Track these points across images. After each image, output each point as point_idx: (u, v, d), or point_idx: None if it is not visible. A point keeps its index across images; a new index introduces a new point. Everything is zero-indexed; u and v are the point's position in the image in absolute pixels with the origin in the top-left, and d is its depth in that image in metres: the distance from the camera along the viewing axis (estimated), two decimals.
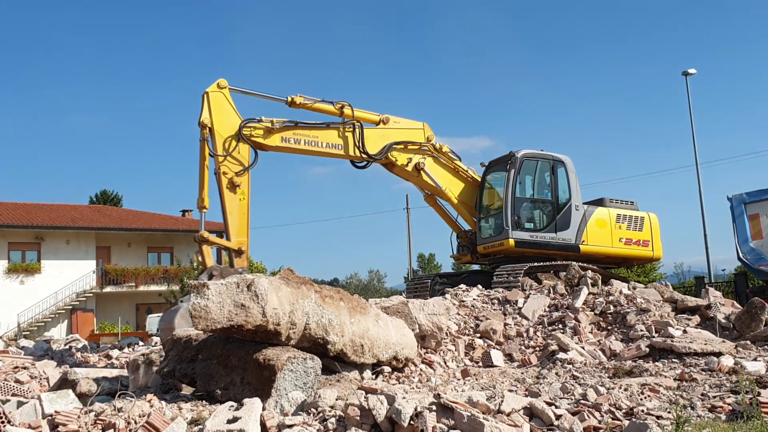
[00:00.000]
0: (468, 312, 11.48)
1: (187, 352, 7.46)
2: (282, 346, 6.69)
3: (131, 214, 45.16)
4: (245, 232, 11.46)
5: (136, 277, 40.21)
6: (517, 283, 12.82)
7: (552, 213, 14.64)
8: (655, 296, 11.62)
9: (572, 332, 10.46)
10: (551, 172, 14.74)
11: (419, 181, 14.41)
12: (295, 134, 12.41)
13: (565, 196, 14.73)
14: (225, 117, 11.61)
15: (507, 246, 13.99)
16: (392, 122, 13.83)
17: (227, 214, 11.32)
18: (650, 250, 15.81)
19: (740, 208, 19.44)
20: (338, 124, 12.95)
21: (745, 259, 19.31)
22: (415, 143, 14.07)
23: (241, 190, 11.46)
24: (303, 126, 12.53)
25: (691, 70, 31.36)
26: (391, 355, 7.88)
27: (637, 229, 15.59)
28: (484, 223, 14.85)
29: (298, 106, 12.51)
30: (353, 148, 13.09)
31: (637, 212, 15.78)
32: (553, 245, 14.41)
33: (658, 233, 16.00)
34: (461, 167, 14.83)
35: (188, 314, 10.63)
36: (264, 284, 6.52)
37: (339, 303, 7.31)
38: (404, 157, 13.95)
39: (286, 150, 12.40)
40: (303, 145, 12.48)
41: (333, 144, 12.89)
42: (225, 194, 11.34)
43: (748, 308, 10.26)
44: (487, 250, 14.62)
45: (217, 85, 11.60)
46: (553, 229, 14.49)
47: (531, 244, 14.17)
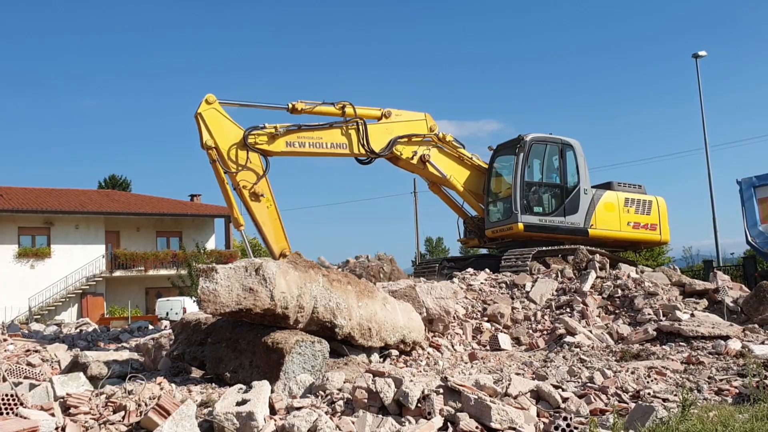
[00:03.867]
0: (476, 296, 11.50)
1: (196, 335, 7.53)
2: (290, 329, 6.74)
3: (140, 199, 45.34)
4: (282, 237, 11.46)
5: (145, 262, 40.44)
6: (525, 267, 12.82)
7: (561, 197, 14.59)
8: (663, 280, 11.60)
9: (580, 316, 10.47)
10: (560, 156, 14.70)
11: (425, 172, 14.37)
12: (299, 138, 12.35)
13: (574, 179, 14.67)
14: (225, 131, 11.46)
15: (516, 230, 13.96)
16: (394, 116, 13.75)
17: (260, 225, 11.33)
18: (658, 234, 15.78)
19: (749, 192, 19.33)
20: (341, 123, 12.90)
21: (753, 243, 19.22)
22: (419, 135, 13.97)
23: (265, 198, 11.43)
24: (306, 128, 12.47)
25: (701, 53, 31.07)
26: (398, 338, 7.92)
27: (645, 213, 15.57)
28: (492, 207, 14.81)
29: (299, 112, 12.46)
30: (357, 145, 13.04)
31: (644, 196, 15.74)
32: (562, 229, 14.39)
33: (666, 217, 15.97)
34: (465, 155, 14.78)
35: None
36: (272, 268, 6.56)
37: (347, 287, 7.35)
38: (409, 150, 13.89)
39: (291, 154, 12.33)
40: (308, 147, 12.44)
41: (337, 143, 12.86)
42: (251, 206, 11.31)
43: (756, 292, 10.24)
44: (496, 234, 14.60)
45: (206, 102, 11.36)
46: (562, 212, 14.46)
47: (540, 227, 14.15)
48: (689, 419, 4.69)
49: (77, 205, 40.27)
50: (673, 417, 4.78)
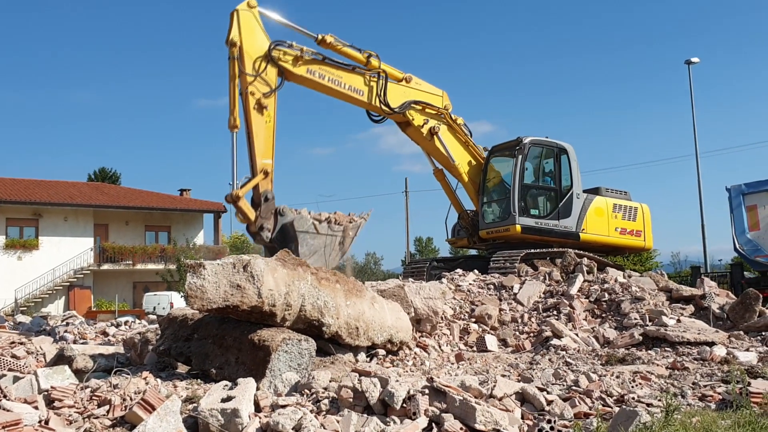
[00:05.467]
0: (464, 297, 11.53)
1: (183, 330, 7.50)
2: (277, 327, 6.73)
3: (129, 193, 45.16)
4: (270, 153, 11.14)
5: (134, 256, 40.29)
6: (514, 269, 12.87)
7: (555, 200, 14.71)
8: (650, 285, 11.67)
9: (566, 319, 10.51)
10: (555, 160, 14.84)
11: (431, 146, 14.32)
12: (321, 69, 12.19)
13: (567, 183, 14.81)
14: (254, 37, 11.25)
15: (513, 231, 14.03)
16: (414, 82, 13.79)
17: (253, 135, 10.95)
18: (642, 240, 16.04)
19: (738, 199, 19.48)
20: (363, 70, 12.83)
21: (741, 250, 19.37)
22: (434, 107, 14.02)
23: (268, 112, 11.12)
24: (329, 63, 12.33)
25: (694, 59, 31.25)
26: (386, 338, 7.92)
27: (631, 219, 15.81)
28: (486, 207, 14.85)
29: (327, 46, 12.28)
30: (374, 97, 12.99)
31: (630, 202, 15.99)
32: (556, 232, 14.50)
33: (650, 224, 16.25)
34: (472, 143, 14.82)
35: None
36: (260, 265, 6.55)
37: (335, 285, 7.34)
38: (420, 118, 13.90)
39: (309, 83, 12.15)
40: (327, 81, 12.29)
41: (356, 89, 12.78)
42: (252, 115, 10.96)
43: (743, 299, 10.32)
44: (491, 234, 14.62)
45: (247, 4, 11.15)
46: (556, 216, 14.56)
47: (536, 230, 14.24)
48: (672, 425, 4.72)
49: (66, 197, 40.06)
50: (657, 422, 4.82)
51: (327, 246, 10.84)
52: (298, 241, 10.46)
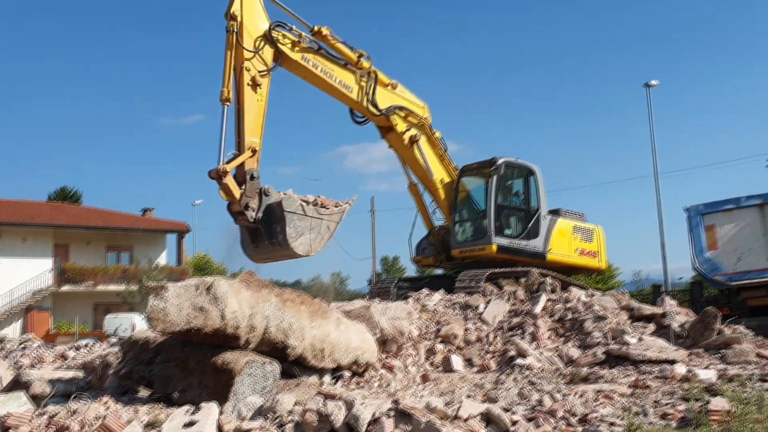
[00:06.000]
0: (430, 316, 11.54)
1: (144, 354, 7.38)
2: (241, 349, 6.66)
3: (91, 212, 44.40)
4: (259, 132, 10.93)
5: (95, 276, 39.51)
6: (479, 288, 12.93)
7: (526, 221, 14.94)
8: (612, 304, 11.82)
9: (531, 338, 10.58)
10: (525, 181, 15.11)
11: (410, 156, 14.35)
12: (315, 58, 12.22)
13: (535, 204, 15.06)
14: (255, 14, 11.19)
15: (489, 251, 14.10)
16: (400, 89, 13.93)
17: (244, 111, 10.76)
18: (597, 261, 16.52)
19: (696, 219, 19.88)
20: (354, 68, 12.89)
21: (700, 269, 19.74)
22: (416, 115, 14.16)
23: (261, 91, 11.00)
24: (324, 55, 12.37)
25: (653, 82, 31.98)
26: (351, 359, 7.89)
27: (588, 240, 16.25)
28: (458, 226, 14.92)
29: (321, 38, 12.31)
30: (363, 96, 13.05)
31: (587, 224, 16.45)
32: (526, 252, 14.71)
33: (604, 245, 16.80)
34: (448, 159, 14.93)
35: None
36: (224, 287, 6.49)
37: (300, 307, 7.31)
38: (403, 125, 13.99)
39: (302, 70, 12.12)
40: (319, 72, 12.30)
41: (345, 84, 12.81)
42: (245, 91, 10.81)
43: (702, 317, 10.51)
44: (464, 253, 14.64)
45: None
46: (527, 236, 14.78)
47: (510, 250, 14.41)
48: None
49: (25, 217, 39.19)
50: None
51: (313, 229, 10.60)
52: (286, 221, 10.19)
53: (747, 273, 18.90)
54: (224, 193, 10.24)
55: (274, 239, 10.37)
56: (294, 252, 10.42)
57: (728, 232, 19.47)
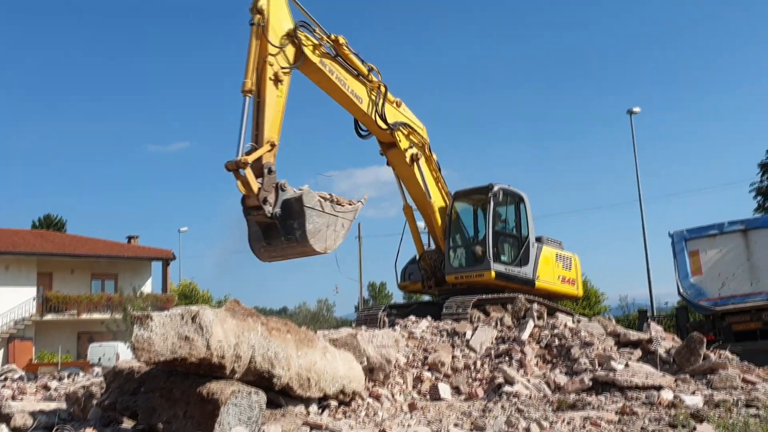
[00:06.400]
0: (417, 344, 11.50)
1: (129, 384, 7.30)
2: (226, 379, 6.60)
3: (75, 240, 44.14)
4: (277, 128, 10.75)
5: (79, 305, 39.16)
6: (466, 314, 12.91)
7: (518, 247, 15.09)
8: (598, 330, 11.85)
9: (518, 365, 10.57)
10: (516, 207, 15.28)
11: (410, 174, 14.33)
12: (332, 64, 12.22)
13: (525, 232, 15.24)
14: (281, 12, 11.18)
15: (488, 277, 14.16)
16: (403, 108, 14.01)
17: (264, 105, 10.58)
18: (576, 289, 16.81)
19: (681, 245, 20.07)
20: (365, 80, 12.95)
21: (685, 295, 19.89)
22: (418, 135, 14.24)
23: (282, 87, 10.90)
24: (340, 63, 12.39)
25: (635, 109, 32.48)
26: (338, 388, 7.83)
27: (568, 268, 16.53)
28: (452, 252, 14.96)
29: (338, 46, 12.30)
30: (372, 109, 13.08)
31: (566, 252, 16.70)
32: (519, 279, 14.85)
33: (580, 273, 17.27)
34: (443, 182, 15.01)
35: None
36: (209, 316, 6.45)
37: (286, 335, 7.27)
38: (406, 142, 14.02)
39: (319, 75, 12.06)
40: (334, 78, 12.28)
41: (357, 95, 12.80)
42: (267, 85, 10.67)
43: (688, 343, 10.55)
44: (460, 280, 14.64)
45: None
46: (519, 263, 14.94)
47: (506, 276, 14.53)
48: None
49: (9, 245, 38.87)
50: None
51: (329, 226, 10.43)
52: (305, 217, 9.97)
53: (731, 298, 19.07)
54: (242, 185, 9.97)
55: (290, 236, 10.11)
56: (312, 249, 10.21)
57: (712, 258, 19.66)
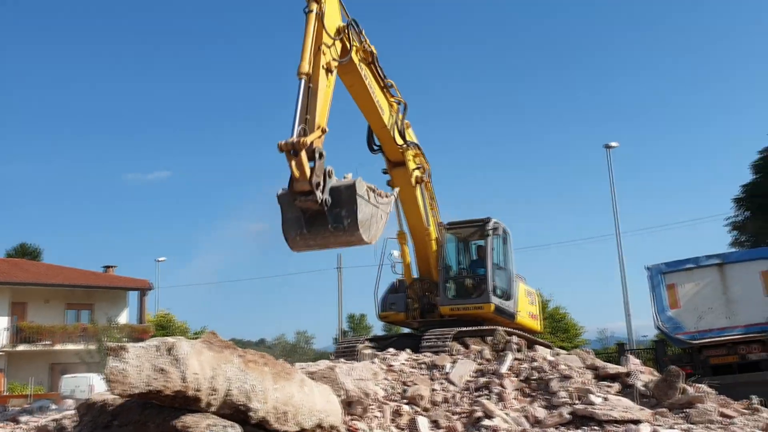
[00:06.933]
0: (396, 377, 11.41)
1: (102, 417, 7.17)
2: (202, 412, 6.50)
3: (50, 269, 43.51)
4: (325, 115, 10.58)
5: (53, 336, 38.45)
6: (446, 347, 12.87)
7: (507, 281, 15.33)
8: (577, 363, 11.84)
9: (497, 398, 10.51)
10: (503, 242, 15.52)
11: (411, 196, 14.28)
12: (366, 70, 12.26)
13: (510, 266, 15.53)
14: (334, 7, 11.26)
15: (486, 310, 14.37)
16: (411, 130, 14.17)
17: (317, 91, 10.41)
18: (538, 324, 17.26)
19: (658, 278, 20.25)
20: (389, 94, 13.09)
21: (663, 328, 20.00)
22: (423, 159, 14.36)
23: (331, 77, 10.83)
24: (372, 71, 12.45)
25: (612, 143, 32.91)
26: (315, 422, 7.73)
27: (533, 303, 17.08)
28: (447, 283, 15.03)
29: (370, 56, 12.35)
30: (392, 122, 13.14)
31: (530, 287, 17.15)
32: (507, 313, 15.06)
33: (541, 308, 18.20)
34: (437, 211, 15.07)
35: None
36: (185, 348, 6.36)
37: (263, 368, 7.18)
38: (413, 163, 14.11)
39: (354, 77, 11.99)
40: (366, 84, 12.29)
41: (381, 105, 12.83)
42: (320, 72, 10.56)
43: (666, 376, 10.57)
44: (456, 312, 14.69)
45: None
46: (507, 297, 15.18)
47: (500, 310, 14.85)
48: None
49: None
50: None
51: (373, 216, 10.24)
52: (357, 206, 9.73)
53: (708, 331, 19.23)
54: (296, 168, 9.64)
55: (338, 224, 9.85)
56: (359, 238, 9.96)
57: (689, 291, 19.86)
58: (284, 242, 10.47)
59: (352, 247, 10.45)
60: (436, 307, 14.98)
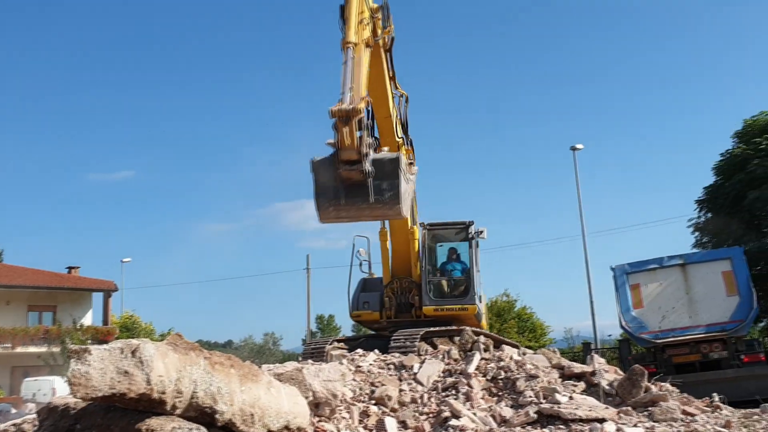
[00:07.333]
0: (364, 378, 11.40)
1: (64, 421, 7.04)
2: (167, 415, 6.42)
3: (12, 270, 42.59)
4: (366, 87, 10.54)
5: (14, 338, 37.68)
6: (414, 347, 12.91)
7: (477, 284, 15.37)
8: (543, 362, 11.96)
9: (465, 398, 10.56)
10: (477, 245, 15.58)
11: None
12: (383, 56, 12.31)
13: (479, 268, 15.61)
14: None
15: (471, 312, 14.63)
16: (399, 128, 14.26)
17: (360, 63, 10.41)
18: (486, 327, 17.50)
19: (622, 278, 20.56)
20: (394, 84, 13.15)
21: (627, 327, 20.31)
22: (412, 153, 14.30)
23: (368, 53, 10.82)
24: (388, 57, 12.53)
25: (578, 146, 33.33)
26: (282, 424, 7.69)
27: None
28: (430, 284, 15.08)
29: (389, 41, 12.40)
30: (395, 113, 13.14)
31: None
32: (479, 315, 15.27)
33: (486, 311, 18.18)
34: (416, 212, 15.13)
35: None
36: (150, 350, 6.27)
37: (229, 370, 7.12)
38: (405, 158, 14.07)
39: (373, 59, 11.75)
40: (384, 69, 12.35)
41: (388, 93, 12.87)
42: (361, 45, 10.57)
43: (629, 375, 10.73)
44: (440, 313, 14.77)
45: None
46: (480, 299, 15.39)
47: (477, 313, 14.92)
48: None
49: None
50: None
51: (407, 192, 10.27)
52: (400, 179, 9.69)
53: (671, 331, 19.58)
54: (348, 136, 9.48)
55: (379, 196, 9.75)
56: (398, 212, 9.96)
57: (653, 291, 20.20)
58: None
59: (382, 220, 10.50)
60: (412, 307, 15.05)
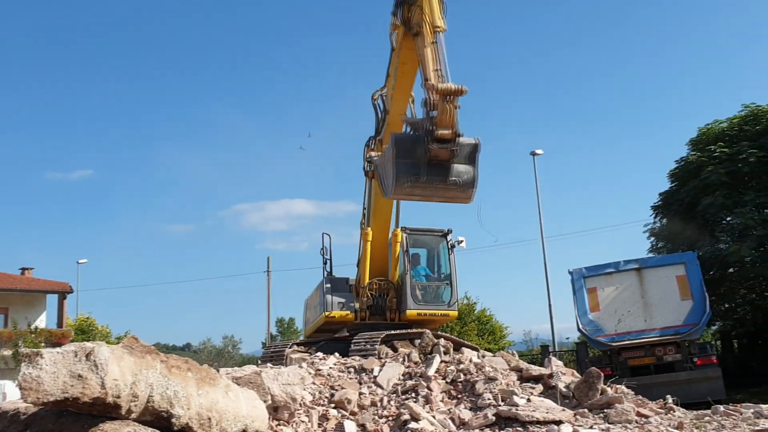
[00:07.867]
0: (324, 381, 11.36)
1: (13, 426, 6.86)
2: (122, 420, 6.30)
3: None
4: None
5: None
6: (374, 351, 12.90)
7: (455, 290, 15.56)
8: (502, 365, 12.07)
9: (424, 401, 10.60)
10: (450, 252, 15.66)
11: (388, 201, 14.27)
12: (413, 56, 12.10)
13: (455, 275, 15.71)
14: None
15: (452, 316, 15.06)
16: None
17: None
18: None
19: (580, 282, 20.85)
20: None
21: (584, 330, 20.60)
22: None
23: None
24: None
25: (538, 151, 33.80)
26: (240, 428, 7.61)
27: None
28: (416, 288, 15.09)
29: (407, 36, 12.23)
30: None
31: None
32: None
33: None
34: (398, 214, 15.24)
35: None
36: (104, 353, 6.15)
37: (186, 374, 7.02)
38: None
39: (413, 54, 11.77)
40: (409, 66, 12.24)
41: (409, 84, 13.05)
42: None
43: (586, 378, 10.89)
44: (423, 317, 14.88)
45: None
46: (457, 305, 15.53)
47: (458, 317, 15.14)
48: None
49: None
50: None
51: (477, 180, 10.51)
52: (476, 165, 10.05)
53: (627, 334, 19.91)
54: (449, 115, 9.66)
55: (457, 178, 10.04)
56: (468, 196, 10.35)
57: (609, 295, 20.52)
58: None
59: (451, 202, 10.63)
60: (387, 310, 15.10)
